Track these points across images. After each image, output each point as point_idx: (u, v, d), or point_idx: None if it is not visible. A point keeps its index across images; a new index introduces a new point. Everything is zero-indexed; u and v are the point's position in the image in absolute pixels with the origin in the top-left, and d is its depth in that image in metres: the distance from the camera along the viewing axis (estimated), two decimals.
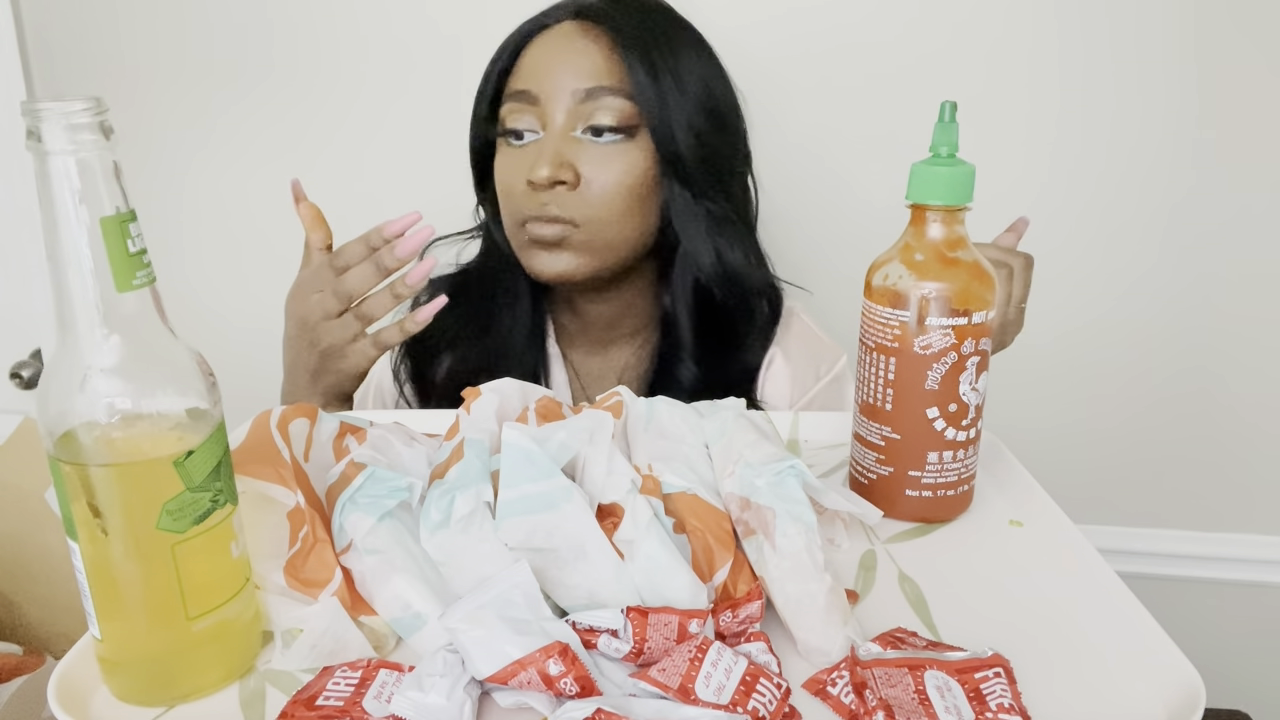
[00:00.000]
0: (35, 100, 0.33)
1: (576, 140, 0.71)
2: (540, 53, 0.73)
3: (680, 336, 0.78)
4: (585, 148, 0.71)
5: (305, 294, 0.67)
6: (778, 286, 0.82)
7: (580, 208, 0.71)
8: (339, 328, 0.66)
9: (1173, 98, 0.98)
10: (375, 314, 0.66)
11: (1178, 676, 0.39)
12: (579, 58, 0.71)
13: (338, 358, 0.67)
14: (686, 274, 0.77)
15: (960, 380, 0.51)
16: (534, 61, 0.73)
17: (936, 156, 0.51)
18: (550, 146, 0.71)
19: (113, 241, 0.35)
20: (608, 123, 0.71)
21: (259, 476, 0.46)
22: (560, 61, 0.71)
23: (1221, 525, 1.13)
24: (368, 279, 0.65)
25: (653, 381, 0.79)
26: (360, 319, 0.66)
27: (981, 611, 0.46)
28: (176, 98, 1.12)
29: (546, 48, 0.73)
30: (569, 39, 0.72)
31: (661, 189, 0.74)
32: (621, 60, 0.70)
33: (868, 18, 1.00)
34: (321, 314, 0.66)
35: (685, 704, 0.36)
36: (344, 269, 0.65)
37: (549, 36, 0.73)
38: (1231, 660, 1.16)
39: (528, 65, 0.73)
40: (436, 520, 0.42)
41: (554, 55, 0.72)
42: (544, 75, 0.71)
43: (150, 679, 0.39)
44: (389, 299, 0.66)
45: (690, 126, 0.72)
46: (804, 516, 0.43)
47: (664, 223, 0.76)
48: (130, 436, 0.37)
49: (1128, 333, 1.07)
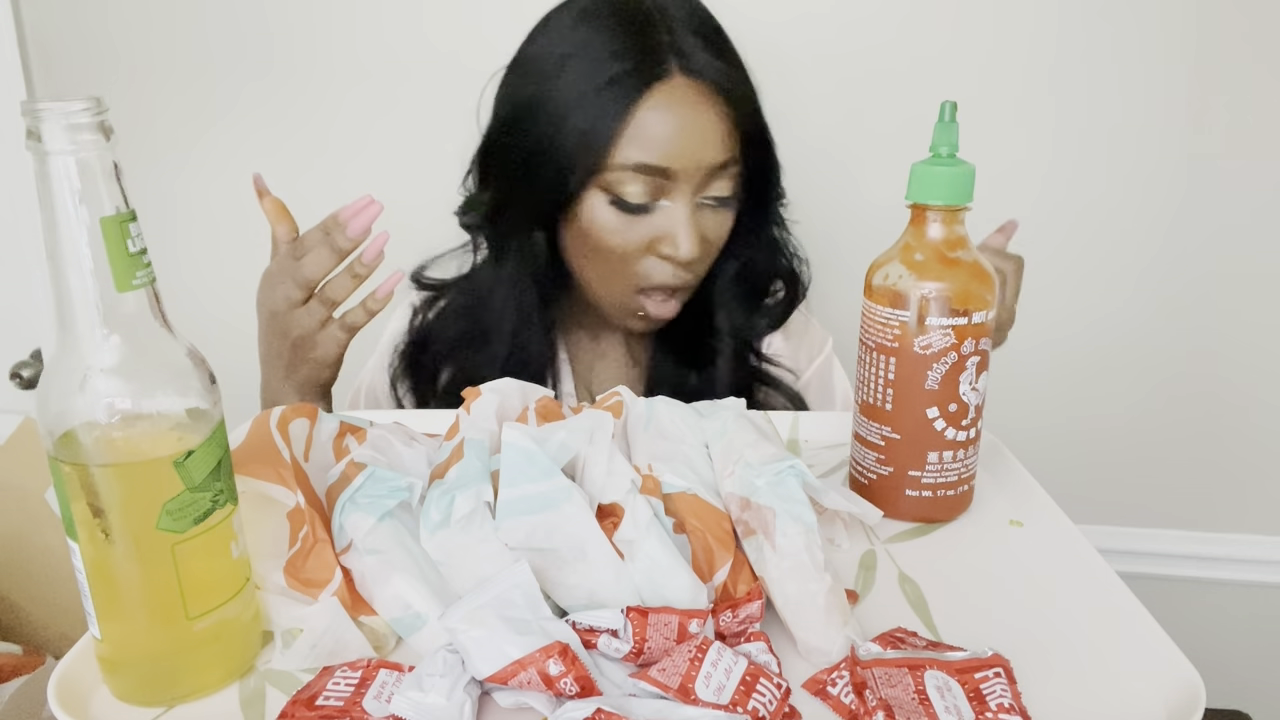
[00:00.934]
0: (35, 100, 0.33)
1: (701, 209, 0.71)
2: (667, 121, 0.66)
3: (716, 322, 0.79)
4: (705, 214, 0.71)
5: (274, 285, 0.67)
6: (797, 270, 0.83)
7: (699, 270, 0.73)
8: (306, 315, 0.66)
9: (1174, 98, 0.99)
10: (337, 297, 0.66)
11: (1178, 676, 0.39)
12: (708, 131, 0.67)
13: (308, 346, 0.67)
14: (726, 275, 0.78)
15: (960, 380, 0.51)
16: (660, 134, 0.66)
17: (936, 156, 0.51)
18: (690, 224, 0.69)
19: (113, 241, 0.35)
20: (724, 193, 0.71)
21: (259, 476, 0.46)
22: (694, 137, 0.67)
23: (1221, 525, 1.13)
24: (324, 263, 0.65)
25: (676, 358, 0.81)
26: (324, 304, 0.66)
27: (981, 611, 0.46)
28: (176, 98, 1.12)
29: (671, 117, 0.66)
30: (693, 108, 0.67)
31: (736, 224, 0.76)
32: (736, 131, 0.69)
33: (868, 18, 1.00)
34: (287, 304, 0.66)
35: (685, 704, 0.36)
36: (302, 256, 0.65)
37: (668, 98, 0.66)
38: (1231, 660, 1.16)
39: (651, 136, 0.66)
40: (436, 520, 0.42)
41: (684, 127, 0.67)
42: (677, 151, 0.67)
43: (150, 679, 0.39)
44: (349, 280, 0.65)
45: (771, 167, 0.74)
46: (804, 516, 0.43)
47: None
48: (130, 436, 0.37)
49: (1128, 333, 1.07)
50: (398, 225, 0.82)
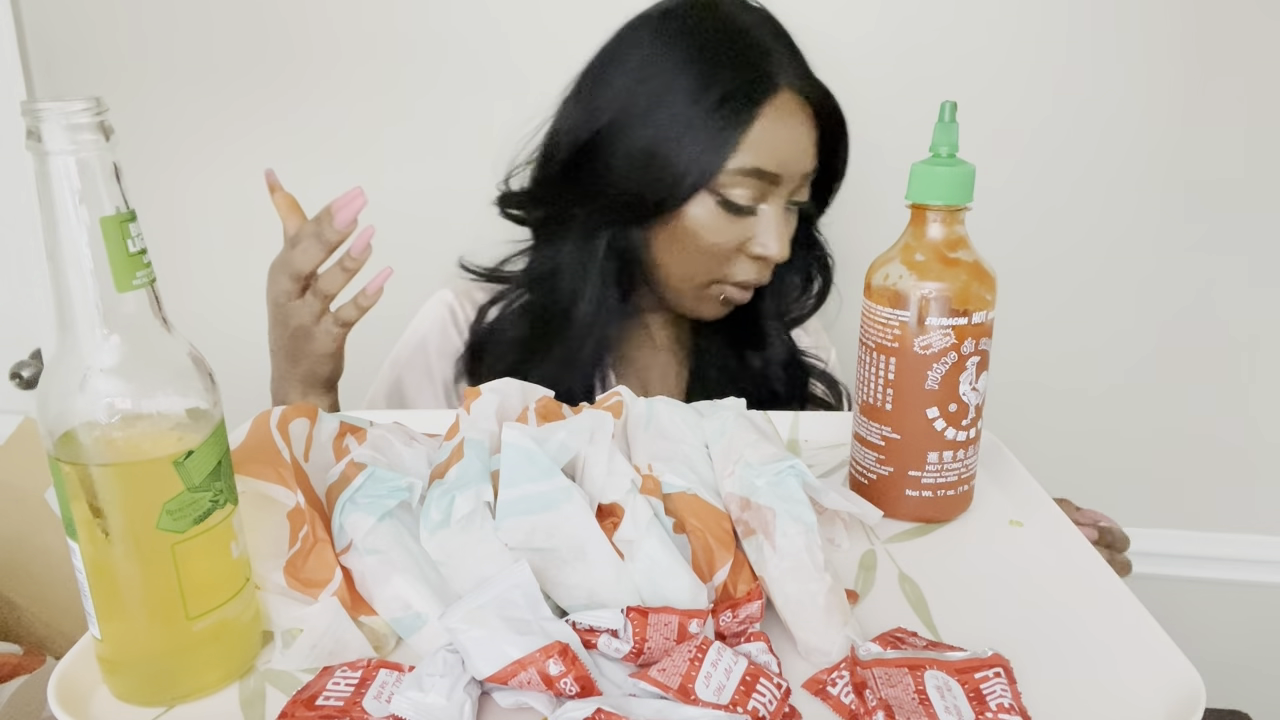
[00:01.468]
0: (35, 100, 0.33)
1: (789, 212, 0.75)
2: (779, 132, 0.72)
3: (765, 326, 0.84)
4: (789, 217, 0.76)
5: (275, 278, 0.68)
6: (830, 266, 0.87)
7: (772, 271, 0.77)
8: (303, 307, 0.67)
9: (1175, 98, 0.98)
10: (330, 290, 0.66)
11: (1178, 676, 0.39)
12: (807, 142, 0.73)
13: (305, 338, 0.68)
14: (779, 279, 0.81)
15: (960, 380, 0.51)
16: (775, 141, 0.71)
17: (936, 156, 0.51)
18: (784, 227, 0.74)
19: (113, 241, 0.35)
20: (805, 200, 0.76)
21: (259, 476, 0.46)
22: (798, 147, 0.73)
23: (1221, 525, 1.13)
24: (313, 255, 0.65)
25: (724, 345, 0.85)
26: (318, 297, 0.67)
27: (981, 611, 0.46)
28: (176, 97, 1.12)
29: (783, 127, 0.72)
30: (796, 118, 0.72)
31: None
32: (818, 144, 0.74)
33: (870, 19, 1.00)
34: (285, 295, 0.67)
35: (685, 704, 0.36)
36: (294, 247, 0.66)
37: (780, 112, 0.72)
38: (1231, 660, 1.16)
39: (765, 144, 0.71)
40: (436, 520, 0.42)
41: (792, 139, 0.72)
42: (786, 159, 0.72)
43: (150, 679, 0.39)
44: (340, 274, 0.66)
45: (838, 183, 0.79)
46: (804, 516, 0.43)
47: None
48: (130, 436, 0.37)
49: (1128, 333, 1.07)
50: (398, 225, 0.82)
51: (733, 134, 0.71)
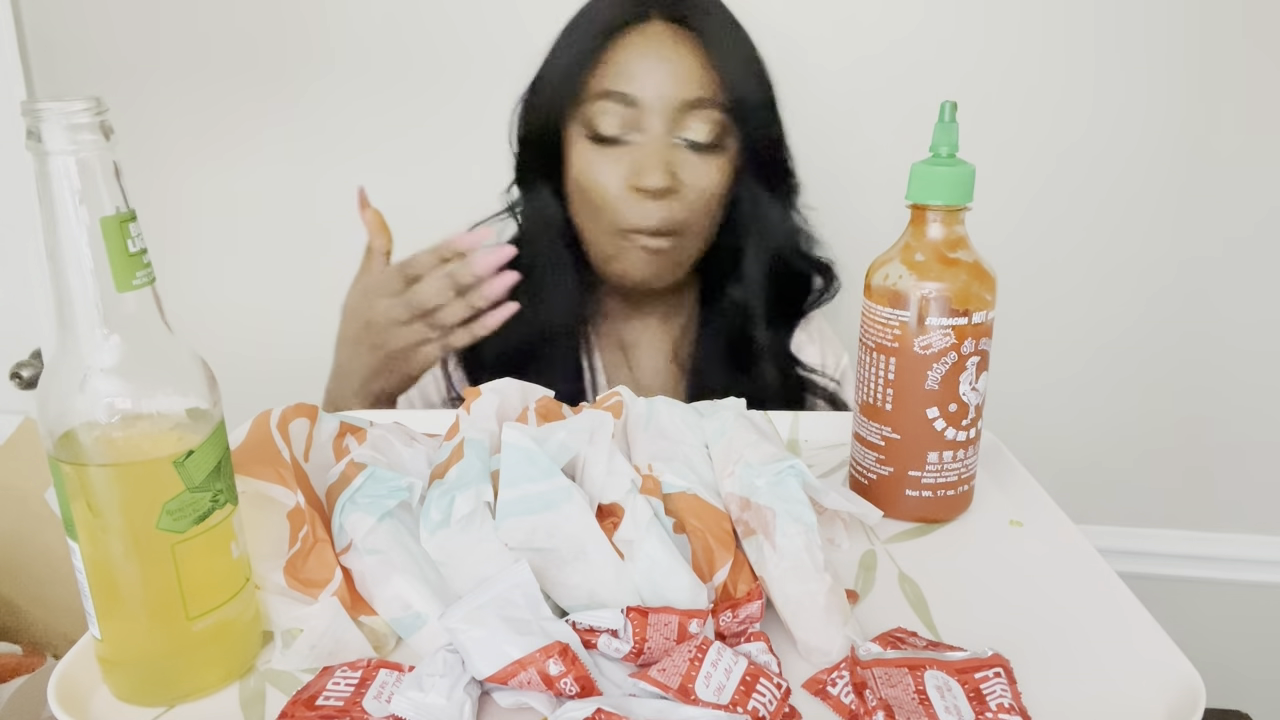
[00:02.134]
0: (35, 100, 0.33)
1: (675, 147, 0.72)
2: (636, 54, 0.71)
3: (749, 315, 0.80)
4: (683, 155, 0.73)
5: (372, 299, 0.69)
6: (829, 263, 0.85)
7: (682, 216, 0.73)
8: (409, 333, 0.68)
9: (1175, 98, 0.98)
10: (448, 322, 0.68)
11: (1178, 676, 0.39)
12: (679, 65, 0.71)
13: (404, 360, 0.69)
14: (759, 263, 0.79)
15: (960, 380, 0.51)
16: (629, 62, 0.71)
17: (936, 156, 0.51)
18: (657, 154, 0.71)
19: (113, 241, 0.35)
20: (702, 137, 0.72)
21: (259, 476, 0.46)
22: (660, 67, 0.71)
23: (1221, 525, 1.13)
24: (442, 293, 0.67)
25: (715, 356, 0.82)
26: (432, 327, 0.68)
27: (981, 611, 0.46)
28: (176, 97, 1.12)
29: (643, 50, 0.71)
30: (667, 44, 0.71)
31: (732, 193, 0.77)
32: (715, 71, 0.72)
33: (869, 19, 1.00)
34: (390, 320, 0.68)
35: (685, 704, 0.36)
36: (414, 279, 0.67)
37: (643, 37, 0.72)
38: (1231, 660, 1.16)
39: (621, 65, 0.71)
40: (436, 520, 0.42)
41: (653, 60, 0.71)
42: (644, 79, 0.71)
43: (150, 679, 0.39)
44: (463, 308, 0.67)
45: (767, 127, 0.75)
46: (804, 516, 0.43)
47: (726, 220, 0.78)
48: (130, 436, 0.37)
49: (1128, 333, 1.07)
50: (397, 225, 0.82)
51: (588, 58, 0.72)
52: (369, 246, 0.71)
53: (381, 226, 0.71)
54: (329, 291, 0.80)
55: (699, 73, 0.71)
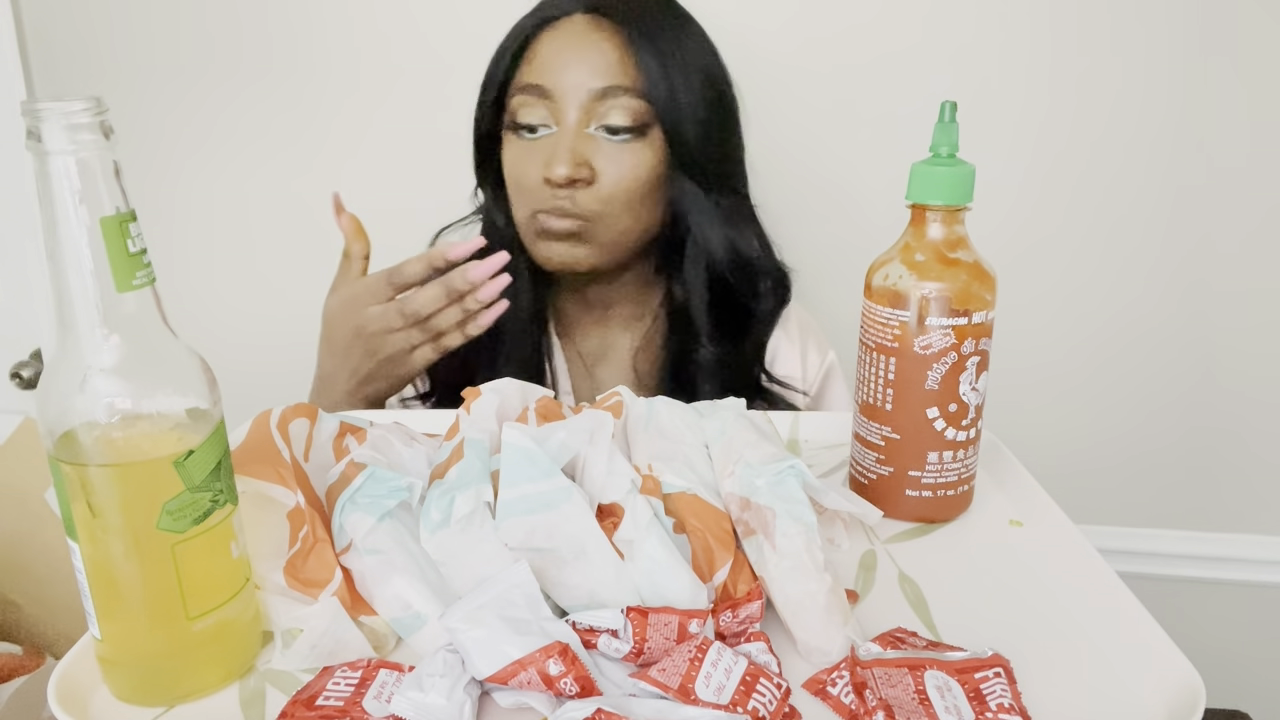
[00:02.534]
0: (35, 100, 0.33)
1: (590, 137, 0.72)
2: (552, 47, 0.72)
3: (696, 323, 0.79)
4: (599, 144, 0.72)
5: (360, 305, 0.69)
6: (784, 269, 0.83)
7: (593, 204, 0.73)
8: (402, 338, 0.69)
9: (1174, 99, 0.98)
10: (443, 327, 0.68)
11: (1178, 676, 0.39)
12: (593, 54, 0.71)
13: (396, 365, 0.70)
14: (699, 264, 0.78)
15: (960, 380, 0.51)
16: (546, 55, 0.72)
17: (936, 156, 0.51)
18: (566, 144, 0.71)
19: (113, 241, 0.35)
20: (621, 123, 0.72)
21: (259, 476, 0.46)
22: (574, 57, 0.71)
23: (1221, 525, 1.13)
24: (437, 300, 0.67)
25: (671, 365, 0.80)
26: (425, 332, 0.68)
27: (981, 611, 0.46)
28: (176, 97, 1.12)
29: (559, 42, 0.72)
30: (582, 35, 0.72)
31: (670, 184, 0.75)
32: (634, 59, 0.71)
33: (869, 18, 1.00)
34: (383, 327, 0.68)
35: (685, 704, 0.36)
36: (404, 286, 0.68)
37: (561, 30, 0.73)
38: (1231, 660, 1.16)
39: (540, 58, 0.73)
40: (436, 520, 0.42)
41: (567, 51, 0.72)
42: (558, 71, 0.71)
43: (150, 679, 0.39)
44: (459, 314, 0.68)
45: (699, 122, 0.73)
46: (804, 516, 0.43)
47: (671, 215, 0.77)
48: (130, 436, 0.37)
49: (1127, 333, 1.07)
50: (396, 225, 0.82)
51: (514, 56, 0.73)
52: (346, 252, 0.71)
53: (359, 231, 0.71)
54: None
55: (615, 61, 0.71)
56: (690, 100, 0.72)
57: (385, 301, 0.68)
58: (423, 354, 0.70)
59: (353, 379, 0.71)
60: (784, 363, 0.84)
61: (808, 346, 0.85)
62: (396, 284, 0.68)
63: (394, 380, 0.71)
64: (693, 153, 0.74)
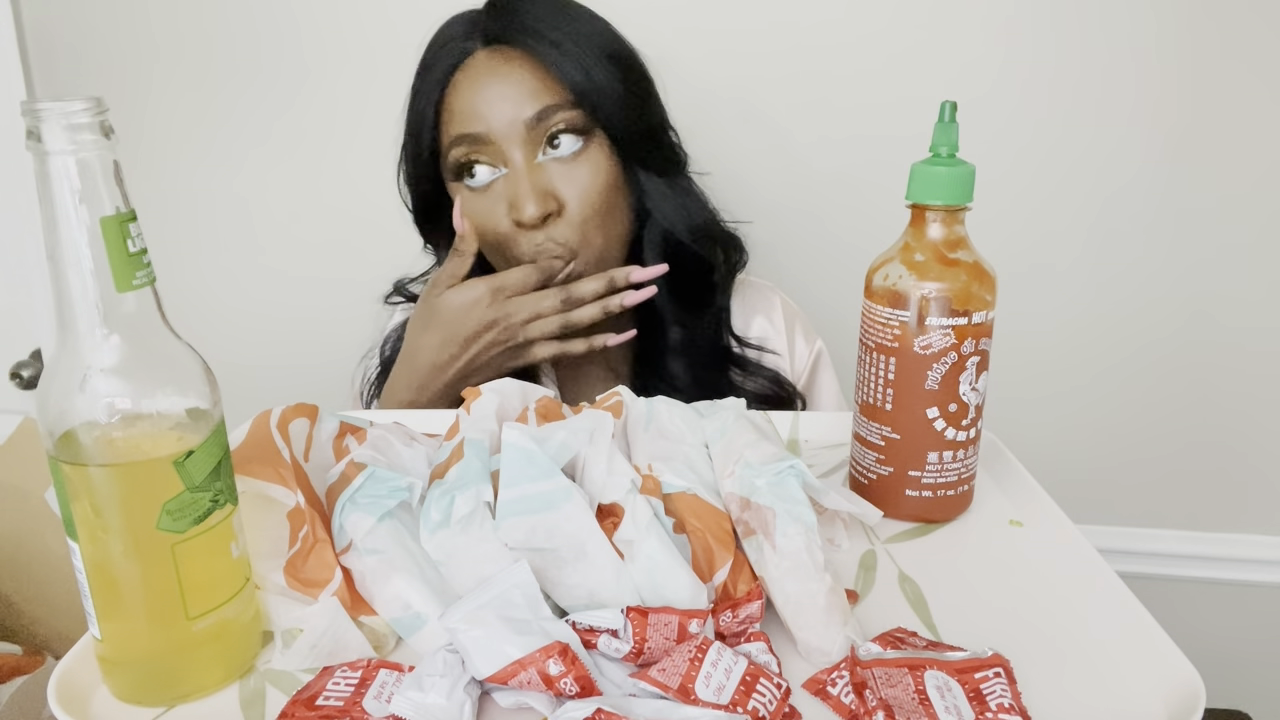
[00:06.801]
0: (35, 100, 0.33)
1: (542, 166, 0.71)
2: (470, 93, 0.71)
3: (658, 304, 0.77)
4: (553, 169, 0.71)
5: (468, 310, 0.70)
6: (735, 232, 0.83)
7: (572, 232, 0.72)
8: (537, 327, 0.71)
9: (1170, 98, 0.99)
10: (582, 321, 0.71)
11: (1178, 676, 0.39)
12: (512, 86, 0.69)
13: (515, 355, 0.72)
14: (657, 246, 0.78)
15: (960, 380, 0.51)
16: (468, 103, 0.70)
17: (936, 156, 0.51)
18: (526, 182, 0.70)
19: (113, 241, 0.35)
20: (568, 138, 0.70)
21: (259, 476, 0.46)
22: (496, 95, 0.70)
23: (1221, 525, 1.13)
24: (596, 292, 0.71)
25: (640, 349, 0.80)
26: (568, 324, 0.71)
27: (981, 611, 0.46)
28: (177, 97, 1.12)
29: (475, 84, 0.70)
30: (494, 70, 0.70)
31: (629, 182, 0.75)
32: (550, 72, 0.70)
33: (869, 18, 1.00)
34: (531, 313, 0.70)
35: (685, 704, 0.36)
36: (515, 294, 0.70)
37: (470, 72, 0.71)
38: (1231, 660, 1.16)
39: (463, 106, 0.71)
40: (436, 520, 0.42)
41: (487, 90, 0.70)
42: (486, 114, 0.69)
43: (150, 679, 0.39)
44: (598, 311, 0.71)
45: (620, 98, 0.72)
46: (804, 516, 0.43)
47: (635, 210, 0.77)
48: (130, 436, 0.37)
49: (1128, 333, 1.07)
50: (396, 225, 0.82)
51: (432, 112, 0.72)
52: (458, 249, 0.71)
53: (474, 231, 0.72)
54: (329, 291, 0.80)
55: (536, 83, 0.70)
56: (608, 83, 0.71)
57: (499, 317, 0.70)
58: (544, 347, 0.71)
59: (468, 368, 0.71)
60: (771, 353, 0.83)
61: (795, 335, 0.84)
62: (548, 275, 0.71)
63: (499, 373, 0.72)
64: (629, 133, 0.73)
